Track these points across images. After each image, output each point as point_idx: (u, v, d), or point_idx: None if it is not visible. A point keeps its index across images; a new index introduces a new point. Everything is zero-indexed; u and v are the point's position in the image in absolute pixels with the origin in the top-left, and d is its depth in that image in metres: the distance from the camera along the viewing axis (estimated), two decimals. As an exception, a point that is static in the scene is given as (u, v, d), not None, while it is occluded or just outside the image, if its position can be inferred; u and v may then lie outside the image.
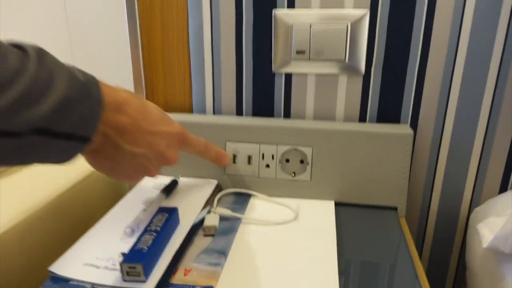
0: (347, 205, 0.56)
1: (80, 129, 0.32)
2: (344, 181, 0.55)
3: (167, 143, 0.41)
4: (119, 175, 0.39)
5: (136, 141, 0.37)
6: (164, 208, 0.47)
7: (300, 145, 0.56)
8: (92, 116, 0.33)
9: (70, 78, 0.31)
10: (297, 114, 0.61)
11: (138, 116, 0.37)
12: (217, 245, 0.45)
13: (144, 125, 0.38)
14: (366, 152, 0.55)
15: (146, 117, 0.38)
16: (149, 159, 0.40)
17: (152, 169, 0.41)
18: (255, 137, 0.56)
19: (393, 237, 0.50)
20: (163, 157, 0.41)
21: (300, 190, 0.57)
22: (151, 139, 0.39)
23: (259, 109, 0.61)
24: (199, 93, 0.63)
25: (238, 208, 0.53)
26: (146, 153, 0.39)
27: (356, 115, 0.60)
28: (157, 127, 0.39)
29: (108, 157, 0.37)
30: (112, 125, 0.35)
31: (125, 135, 0.36)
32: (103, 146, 0.36)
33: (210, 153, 0.52)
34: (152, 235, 0.41)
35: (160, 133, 0.39)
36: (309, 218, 0.51)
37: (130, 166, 0.39)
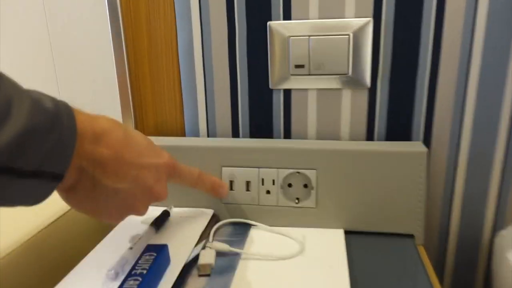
0: (358, 234, 0.53)
1: (49, 165, 0.29)
2: (354, 207, 0.52)
3: (155, 177, 0.38)
4: (101, 215, 0.36)
5: (118, 176, 0.34)
6: (153, 246, 0.43)
7: (303, 168, 0.52)
8: (63, 149, 0.29)
9: (33, 105, 0.28)
10: (299, 134, 0.58)
11: (120, 148, 0.34)
12: (214, 286, 0.41)
13: (127, 157, 0.35)
14: (376, 173, 0.51)
15: (130, 149, 0.35)
16: (134, 195, 0.37)
17: (138, 206, 0.38)
18: (253, 160, 0.53)
19: (412, 268, 0.46)
20: (150, 192, 0.38)
21: (305, 218, 0.53)
22: (136, 173, 0.36)
23: (256, 129, 0.59)
24: (191, 115, 0.60)
25: (236, 241, 0.50)
26: (131, 189, 0.36)
27: (362, 133, 0.57)
28: (143, 159, 0.37)
29: (86, 195, 0.34)
30: (89, 158, 0.32)
31: (106, 169, 0.33)
32: (79, 182, 0.33)
33: (204, 184, 0.49)
34: (137, 280, 0.37)
35: (146, 166, 0.37)
36: (316, 250, 0.48)
37: (113, 204, 0.36)
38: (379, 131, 0.56)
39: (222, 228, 0.53)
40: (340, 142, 0.55)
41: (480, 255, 0.59)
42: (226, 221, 0.54)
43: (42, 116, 0.28)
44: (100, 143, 0.33)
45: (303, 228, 0.53)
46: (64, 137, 0.29)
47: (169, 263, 0.43)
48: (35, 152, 0.27)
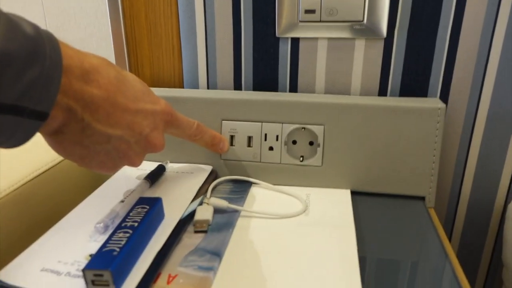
0: (365, 195, 0.50)
1: (30, 101, 0.25)
2: (362, 166, 0.50)
3: (151, 124, 0.36)
4: (91, 164, 0.34)
5: (110, 120, 0.32)
6: (145, 198, 0.41)
7: (309, 123, 0.50)
8: (46, 83, 0.26)
9: (9, 27, 0.24)
10: (306, 87, 0.55)
11: (113, 89, 0.32)
12: (210, 243, 0.39)
13: (121, 100, 0.32)
14: (388, 131, 0.48)
15: (125, 91, 0.33)
16: (128, 143, 0.34)
17: (132, 156, 0.35)
18: (256, 114, 0.50)
19: (423, 230, 0.44)
20: (146, 141, 0.36)
21: (309, 177, 0.51)
22: (131, 119, 0.33)
23: (260, 81, 0.56)
24: (190, 64, 0.57)
25: (236, 198, 0.47)
26: (124, 136, 0.33)
27: (375, 88, 0.53)
28: (139, 104, 0.34)
29: (75, 141, 0.31)
30: (77, 98, 0.29)
31: (97, 111, 0.30)
32: (67, 125, 0.30)
33: (203, 137, 0.47)
34: (127, 233, 0.35)
35: (142, 111, 0.34)
36: (321, 210, 0.46)
37: (105, 152, 0.33)
38: (393, 86, 0.53)
39: (220, 185, 0.50)
40: (350, 96, 0.52)
41: (491, 223, 0.57)
42: (225, 178, 0.51)
43: (21, 41, 0.24)
44: (90, 82, 0.30)
45: (308, 188, 0.51)
46: (47, 70, 0.26)
47: (163, 217, 0.41)
48: (12, 83, 0.24)
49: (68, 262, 0.35)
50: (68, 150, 0.32)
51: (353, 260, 0.36)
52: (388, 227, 0.44)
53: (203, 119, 0.51)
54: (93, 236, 0.38)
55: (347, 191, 0.50)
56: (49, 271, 0.34)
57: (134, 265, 0.34)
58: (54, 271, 0.34)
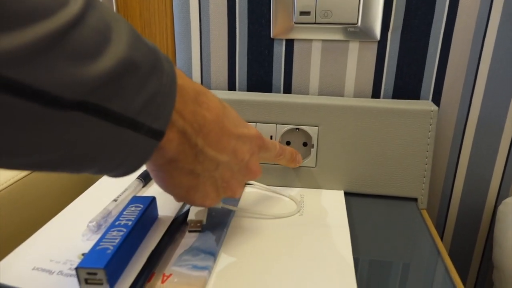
0: (359, 196, 0.51)
1: (149, 116, 0.24)
2: (355, 167, 0.50)
3: (250, 150, 0.35)
4: (195, 196, 0.32)
5: (219, 145, 0.31)
6: (139, 197, 0.40)
7: (303, 124, 0.50)
8: (164, 99, 0.25)
9: (132, 34, 0.23)
10: (299, 89, 0.55)
11: (221, 113, 0.31)
12: (205, 243, 0.38)
13: (227, 124, 0.32)
14: (381, 132, 0.49)
15: (228, 116, 0.32)
16: (232, 171, 0.33)
17: (235, 185, 0.34)
18: (250, 115, 0.50)
19: (416, 231, 0.44)
20: (246, 168, 0.35)
21: (303, 178, 0.51)
22: (235, 144, 0.33)
23: (255, 82, 0.56)
24: (184, 65, 0.56)
25: (230, 199, 0.47)
26: (230, 163, 0.32)
27: (368, 90, 0.53)
28: (239, 129, 0.33)
29: (188, 169, 0.30)
30: (191, 120, 0.28)
31: (208, 135, 0.29)
32: (182, 151, 0.28)
33: (285, 155, 0.45)
34: (121, 231, 0.34)
35: (242, 136, 0.34)
36: (315, 211, 0.46)
37: (211, 181, 0.32)
38: (386, 88, 0.53)
39: None
40: (344, 98, 0.52)
41: (482, 223, 0.57)
42: None
43: (143, 50, 0.23)
44: (202, 104, 0.29)
45: (302, 189, 0.51)
46: (164, 86, 0.25)
47: (157, 216, 0.40)
48: (134, 95, 0.22)
49: (60, 261, 0.34)
50: (177, 180, 0.30)
51: (348, 261, 0.37)
52: (382, 228, 0.44)
53: None
54: (86, 235, 0.38)
55: (340, 192, 0.50)
56: (41, 270, 0.33)
57: (128, 264, 0.33)
58: (46, 270, 0.33)
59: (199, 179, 0.31)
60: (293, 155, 0.47)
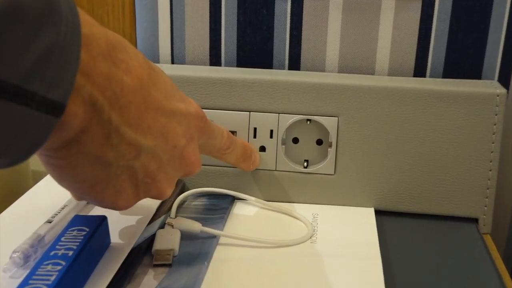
0: (395, 215, 0.52)
1: (43, 83, 0.24)
2: (391, 176, 0.51)
3: (186, 133, 0.36)
4: (104, 193, 0.33)
5: (143, 124, 0.31)
6: (83, 217, 0.42)
7: (317, 113, 0.51)
8: (63, 56, 0.25)
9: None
10: (312, 64, 0.56)
11: (145, 77, 0.31)
12: (177, 282, 0.40)
13: (155, 95, 0.32)
14: (427, 125, 0.50)
15: (157, 83, 0.33)
16: (160, 162, 0.34)
17: (162, 181, 0.35)
18: (241, 100, 0.52)
19: (476, 265, 0.45)
20: (181, 157, 0.36)
21: (317, 191, 0.52)
22: (165, 122, 0.33)
23: (248, 54, 0.57)
24: (147, 29, 0.58)
25: (212, 219, 0.49)
26: (156, 150, 0.33)
27: (409, 65, 0.55)
28: (172, 103, 0.34)
29: (95, 155, 0.30)
30: (104, 85, 0.28)
31: (127, 109, 0.30)
32: (88, 130, 0.29)
33: (235, 150, 0.47)
34: (58, 265, 0.35)
35: (177, 113, 0.35)
36: (333, 237, 0.47)
37: (129, 173, 0.33)
38: (434, 64, 0.55)
39: (191, 201, 0.52)
40: (375, 77, 0.53)
41: None
42: (198, 191, 0.52)
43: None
44: (119, 64, 0.29)
45: (315, 205, 0.52)
46: (63, 38, 0.25)
47: (109, 243, 0.42)
48: (18, 50, 0.23)
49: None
50: (79, 171, 0.30)
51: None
52: (428, 261, 0.45)
53: None
54: (9, 271, 0.38)
55: (369, 211, 0.51)
56: None
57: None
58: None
59: (111, 169, 0.31)
60: (246, 151, 0.48)
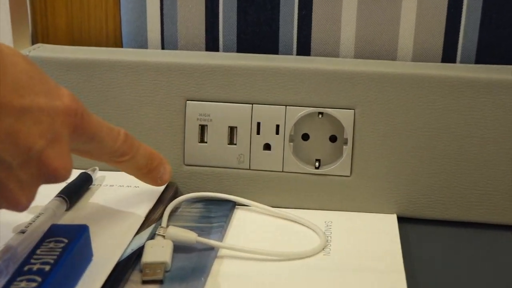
0: (421, 223, 0.52)
1: None
2: (416, 177, 0.52)
3: (48, 133, 0.36)
4: None
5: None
6: (61, 227, 0.43)
7: (330, 105, 0.51)
8: None
9: None
10: (324, 47, 0.57)
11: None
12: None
13: None
14: (458, 119, 0.50)
15: (4, 75, 0.33)
16: (9, 168, 0.34)
17: (14, 190, 0.35)
18: (242, 90, 0.52)
19: None
20: (39, 162, 0.36)
21: (331, 195, 0.53)
22: (13, 124, 0.34)
23: (250, 38, 0.58)
24: (134, 10, 0.59)
25: (210, 228, 0.49)
26: (1, 155, 0.34)
27: (436, 49, 0.56)
28: (25, 99, 0.35)
29: None
30: None
31: None
32: None
33: (135, 158, 0.46)
34: (33, 282, 0.36)
35: (31, 110, 0.35)
36: (350, 248, 0.47)
37: None
38: (466, 47, 0.55)
39: (185, 208, 0.52)
40: (398, 63, 0.54)
41: None
42: (192, 196, 0.53)
43: None
44: None
45: (328, 212, 0.52)
46: None
47: (91, 257, 0.42)
48: None
49: None
50: None
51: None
52: (458, 273, 0.45)
53: (155, 100, 0.52)
54: (-24, 288, 0.39)
55: (391, 217, 0.51)
56: None
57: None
58: None
59: None
60: (151, 161, 0.48)
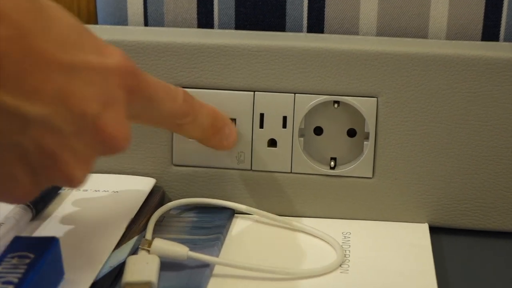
0: (457, 233, 0.53)
1: None
2: (451, 180, 0.52)
3: (102, 96, 0.36)
4: None
5: (26, 86, 0.33)
6: (27, 240, 0.43)
7: (348, 93, 0.52)
8: None
9: None
10: (340, 24, 0.58)
11: (27, 20, 0.32)
12: None
13: (43, 45, 0.33)
14: (503, 109, 0.50)
15: (48, 27, 0.34)
16: (60, 134, 0.35)
17: (68, 160, 0.36)
18: (242, 75, 0.53)
19: None
20: (95, 129, 0.36)
21: (349, 201, 0.53)
22: (64, 83, 0.34)
23: (250, 13, 0.58)
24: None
25: (204, 241, 0.50)
26: (52, 119, 0.34)
27: (475, 26, 0.56)
28: (75, 54, 0.35)
29: None
30: None
31: (4, 68, 0.31)
32: None
33: (197, 119, 0.47)
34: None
35: (84, 68, 0.35)
36: (373, 263, 0.48)
37: (16, 154, 0.34)
38: (511, 23, 0.55)
39: (174, 216, 0.53)
40: (428, 41, 0.54)
41: None
42: (183, 202, 0.53)
43: None
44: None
45: (346, 221, 0.53)
46: None
47: (62, 275, 0.42)
48: None
49: None
50: None
51: None
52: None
53: None
54: None
55: (422, 227, 0.52)
56: None
57: None
58: None
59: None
60: (216, 121, 0.49)
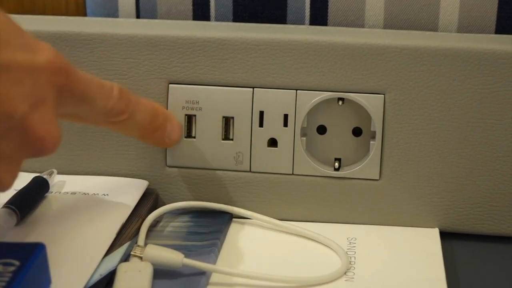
0: (470, 239, 0.53)
1: None
2: (463, 182, 0.52)
3: (31, 96, 0.38)
4: None
5: None
6: (11, 246, 0.43)
7: (353, 89, 0.52)
8: None
9: None
10: (345, 16, 0.58)
11: None
12: None
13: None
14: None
15: None
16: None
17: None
18: (241, 71, 0.53)
19: None
20: (22, 130, 0.38)
21: (354, 204, 0.54)
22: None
23: (249, 5, 0.59)
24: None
25: (201, 248, 0.50)
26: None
27: (488, 17, 0.56)
28: (2, 53, 0.36)
29: None
30: None
31: None
32: None
33: (134, 116, 0.48)
34: None
35: (11, 67, 0.37)
36: (380, 271, 0.48)
37: None
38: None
39: (168, 220, 0.53)
40: (439, 34, 0.54)
41: None
42: (177, 206, 0.53)
43: None
44: None
45: (351, 226, 0.53)
46: None
47: (49, 284, 0.42)
48: None
49: None
50: None
51: None
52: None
53: (128, 83, 0.53)
54: None
55: (432, 232, 0.52)
56: None
57: None
58: None
59: None
60: (155, 117, 0.50)
